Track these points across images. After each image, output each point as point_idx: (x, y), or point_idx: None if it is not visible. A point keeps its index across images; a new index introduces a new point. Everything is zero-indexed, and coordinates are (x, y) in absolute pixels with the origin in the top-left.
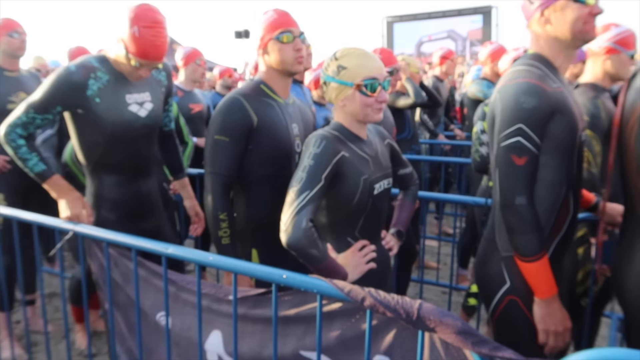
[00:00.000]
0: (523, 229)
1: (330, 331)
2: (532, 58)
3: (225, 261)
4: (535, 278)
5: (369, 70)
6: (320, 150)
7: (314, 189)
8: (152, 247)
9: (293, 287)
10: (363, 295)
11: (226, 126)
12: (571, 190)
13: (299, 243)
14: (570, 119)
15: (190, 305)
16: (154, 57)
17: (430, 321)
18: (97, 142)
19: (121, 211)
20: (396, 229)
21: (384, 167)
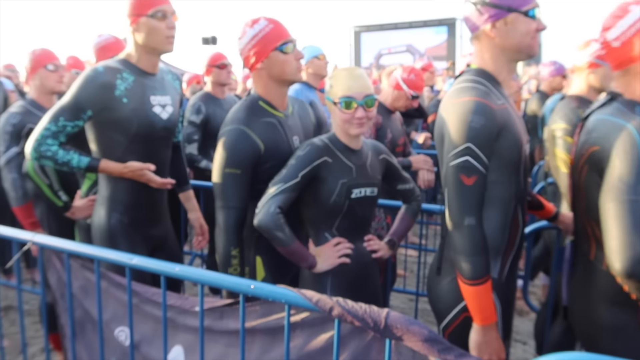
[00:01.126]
0: (470, 251)
1: (296, 341)
2: (476, 74)
3: (192, 272)
4: (476, 303)
5: (346, 90)
6: (304, 153)
7: (288, 183)
8: (116, 257)
9: (261, 298)
10: (331, 304)
11: (236, 159)
12: (519, 205)
13: (266, 225)
14: (515, 134)
15: (151, 318)
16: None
17: (398, 329)
18: (120, 142)
19: (134, 215)
20: (389, 239)
21: (370, 177)
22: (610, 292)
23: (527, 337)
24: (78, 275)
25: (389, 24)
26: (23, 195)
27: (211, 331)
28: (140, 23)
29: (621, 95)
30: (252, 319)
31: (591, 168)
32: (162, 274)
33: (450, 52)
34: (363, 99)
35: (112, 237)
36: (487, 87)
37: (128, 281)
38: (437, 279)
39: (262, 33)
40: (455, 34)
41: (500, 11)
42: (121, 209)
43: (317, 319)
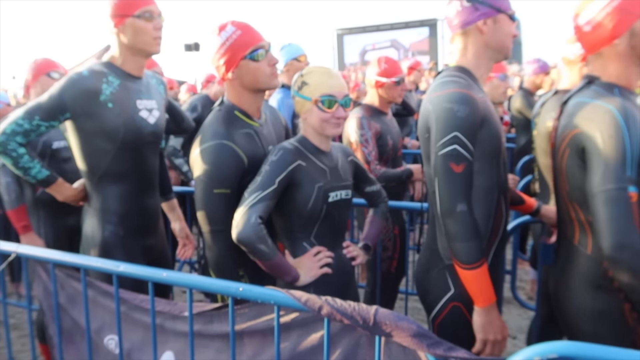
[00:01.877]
0: (464, 237)
1: (287, 342)
2: (456, 70)
3: (180, 277)
4: (475, 286)
5: (328, 88)
6: (277, 158)
7: (266, 190)
8: (102, 265)
9: (250, 300)
10: (320, 304)
11: (225, 178)
12: (502, 194)
13: (247, 238)
14: (495, 125)
15: (140, 325)
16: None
17: (387, 326)
18: (107, 150)
19: (128, 226)
20: (364, 243)
21: (343, 179)
22: (594, 276)
23: (517, 331)
24: (65, 284)
25: (371, 25)
26: (16, 199)
27: (201, 336)
28: (126, 24)
29: (598, 79)
30: (242, 321)
31: (573, 151)
32: (150, 280)
33: (433, 52)
34: (343, 98)
35: (107, 250)
36: (467, 81)
37: (115, 289)
38: (424, 271)
39: (229, 41)
40: (437, 35)
41: (492, 10)
42: (115, 219)
43: (308, 318)
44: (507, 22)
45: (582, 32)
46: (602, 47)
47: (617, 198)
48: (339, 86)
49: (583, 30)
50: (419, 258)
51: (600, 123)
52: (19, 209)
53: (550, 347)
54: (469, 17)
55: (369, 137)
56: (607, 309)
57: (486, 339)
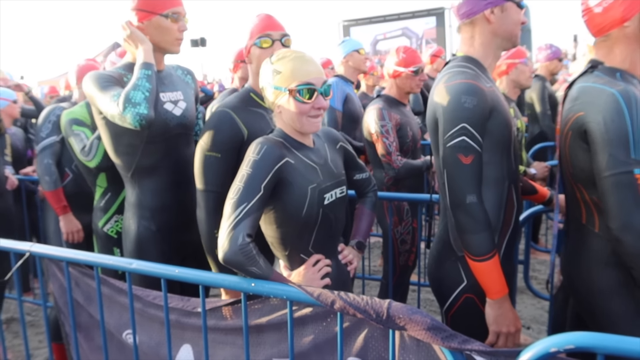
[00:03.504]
0: (475, 228)
1: (302, 337)
2: (463, 60)
3: (191, 273)
4: (487, 278)
5: (305, 75)
6: (259, 157)
7: (251, 201)
8: (115, 263)
9: (262, 295)
10: (333, 298)
11: (217, 142)
12: (513, 185)
13: (236, 260)
14: (505, 115)
15: (157, 321)
16: (179, 2)
17: (400, 319)
18: (135, 145)
19: (162, 221)
20: (356, 240)
21: (336, 175)
22: (603, 253)
23: (531, 321)
24: (80, 282)
25: (377, 16)
26: (55, 181)
27: (219, 330)
28: (152, 21)
29: (602, 63)
30: (258, 316)
31: (575, 133)
32: (162, 277)
33: (440, 42)
34: (322, 85)
35: (141, 246)
36: (475, 71)
37: (129, 286)
38: (437, 263)
39: (249, 29)
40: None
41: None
42: (148, 214)
43: (322, 313)
44: (514, 9)
45: (592, 14)
46: (612, 29)
47: (623, 182)
48: (316, 72)
49: (594, 11)
50: (431, 250)
51: (602, 106)
52: (57, 191)
53: (567, 338)
54: (476, 6)
55: (390, 128)
56: (616, 285)
57: (499, 331)
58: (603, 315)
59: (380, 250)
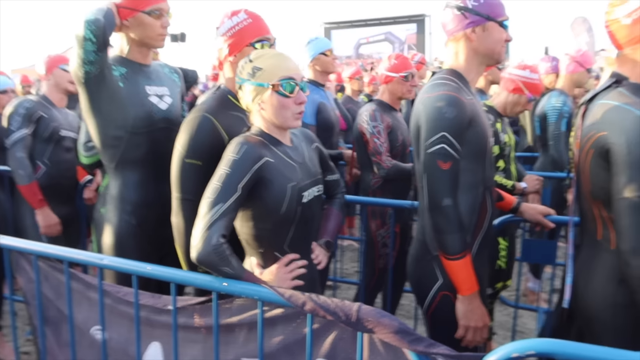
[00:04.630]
0: (449, 229)
1: (272, 337)
2: (447, 73)
3: (163, 271)
4: (459, 275)
5: (286, 70)
6: (239, 157)
7: (228, 201)
8: (86, 258)
9: (234, 295)
10: (304, 299)
11: (197, 149)
12: (487, 191)
13: (209, 260)
14: (482, 126)
15: (127, 318)
16: None
17: (369, 322)
18: (120, 137)
19: (143, 215)
20: (325, 240)
21: (313, 174)
22: (617, 271)
23: (497, 327)
24: (50, 276)
25: (359, 20)
26: (29, 174)
27: (189, 328)
28: (135, 17)
29: (626, 79)
30: (226, 316)
31: (597, 152)
32: (134, 274)
33: (420, 48)
34: (301, 80)
35: (120, 240)
36: (458, 84)
37: (99, 281)
38: (414, 262)
39: (239, 26)
40: (424, 31)
41: (481, 18)
42: (129, 208)
43: (298, 312)
44: (496, 29)
45: (619, 25)
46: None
47: (638, 205)
48: (295, 68)
49: (621, 22)
50: (409, 251)
51: (627, 128)
52: (32, 184)
53: (529, 344)
54: (459, 24)
55: (382, 129)
56: (628, 303)
57: (468, 325)
58: (609, 330)
59: (354, 253)
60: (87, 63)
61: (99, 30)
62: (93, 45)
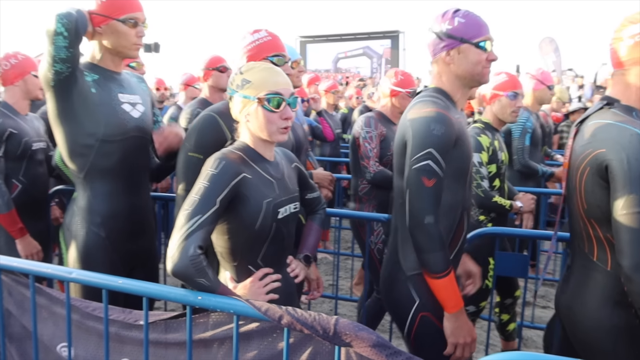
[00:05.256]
0: (432, 247)
1: (247, 352)
2: (434, 92)
3: (135, 284)
4: (445, 293)
5: (273, 85)
6: (217, 172)
7: (206, 213)
8: (53, 271)
9: (209, 309)
10: (280, 313)
11: (200, 143)
12: (465, 212)
13: (185, 272)
14: (467, 146)
15: (95, 334)
16: (138, 7)
17: (347, 336)
18: (90, 145)
19: (112, 227)
20: (304, 254)
21: (291, 191)
22: (612, 292)
23: None
24: (13, 291)
25: (334, 35)
26: (7, 202)
27: (159, 343)
28: (109, 25)
29: (618, 101)
30: (201, 330)
31: (593, 169)
32: (104, 288)
33: (394, 63)
34: (290, 96)
35: (88, 253)
36: (445, 102)
37: (67, 296)
38: (388, 284)
39: (259, 41)
40: (398, 47)
41: (454, 41)
42: (98, 220)
43: (274, 326)
44: (472, 51)
45: (621, 44)
46: (635, 65)
47: (639, 221)
48: (284, 83)
49: (623, 41)
50: (382, 272)
51: (626, 145)
52: (12, 211)
53: (498, 357)
54: (436, 48)
55: (374, 135)
56: (625, 325)
57: (457, 342)
58: (606, 353)
59: (327, 266)
60: (58, 61)
61: (71, 23)
62: (64, 40)
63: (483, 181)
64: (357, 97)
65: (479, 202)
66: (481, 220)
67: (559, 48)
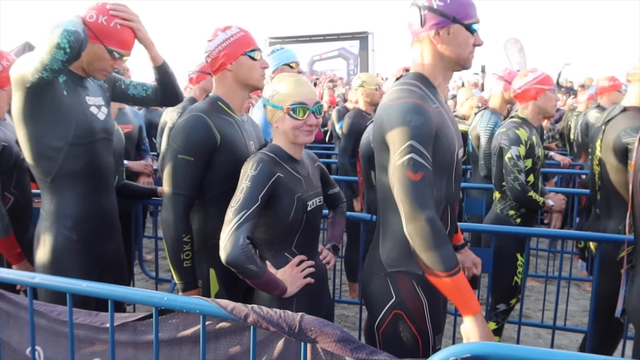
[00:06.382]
0: (438, 243)
1: (216, 350)
2: (413, 78)
3: (100, 287)
4: (459, 294)
5: (298, 96)
6: (257, 173)
7: (250, 208)
8: (16, 277)
9: (175, 309)
10: (246, 312)
11: (191, 145)
12: (449, 206)
13: (237, 259)
14: (449, 137)
15: (65, 337)
16: (130, 46)
17: (312, 332)
18: (59, 148)
19: (83, 230)
20: (332, 244)
21: (315, 186)
22: None
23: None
24: None
25: (303, 36)
26: (6, 226)
27: (128, 345)
28: (94, 45)
29: None
30: (170, 331)
31: None
32: (68, 292)
33: (363, 65)
34: (314, 105)
35: (59, 257)
36: (424, 91)
37: (29, 301)
38: (367, 278)
39: (233, 37)
40: (367, 47)
41: (446, 20)
42: (69, 224)
43: (243, 325)
44: (462, 32)
45: None
46: None
47: None
48: (309, 93)
49: None
50: (363, 265)
51: None
52: (11, 236)
53: (464, 347)
54: (423, 25)
55: None
56: None
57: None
58: None
59: None
60: (48, 70)
61: (77, 43)
62: (64, 55)
63: (520, 174)
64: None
65: (515, 196)
66: (511, 215)
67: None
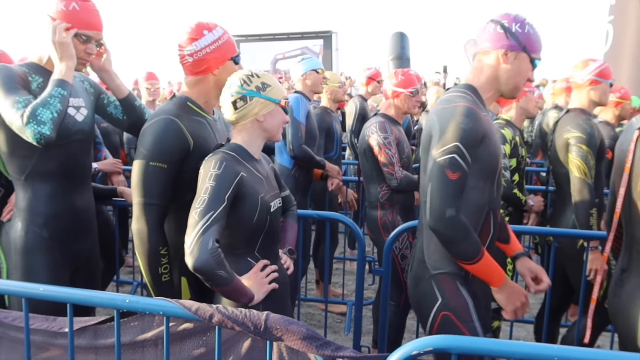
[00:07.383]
0: (459, 237)
1: (182, 352)
2: (465, 88)
3: (57, 291)
4: (486, 273)
5: (283, 92)
6: (221, 172)
7: (217, 209)
8: None
9: (138, 311)
10: (211, 312)
11: (162, 151)
12: (492, 211)
13: (206, 264)
14: (495, 144)
15: (21, 343)
16: (97, 27)
17: (277, 330)
18: (33, 148)
19: (55, 227)
20: (287, 248)
21: (274, 187)
22: None
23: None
24: None
25: (267, 34)
26: None
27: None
28: None
29: None
30: (132, 334)
31: None
32: (24, 296)
33: (327, 64)
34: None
35: (29, 253)
36: (474, 99)
37: None
38: (415, 282)
39: (221, 40)
40: (331, 47)
41: (517, 46)
42: (40, 220)
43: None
44: (526, 62)
45: None
46: None
47: None
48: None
49: None
50: (409, 270)
51: None
52: None
53: (426, 341)
54: (496, 42)
55: (392, 140)
56: None
57: (515, 307)
58: None
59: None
60: None
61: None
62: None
63: (506, 172)
64: None
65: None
66: None
67: None
